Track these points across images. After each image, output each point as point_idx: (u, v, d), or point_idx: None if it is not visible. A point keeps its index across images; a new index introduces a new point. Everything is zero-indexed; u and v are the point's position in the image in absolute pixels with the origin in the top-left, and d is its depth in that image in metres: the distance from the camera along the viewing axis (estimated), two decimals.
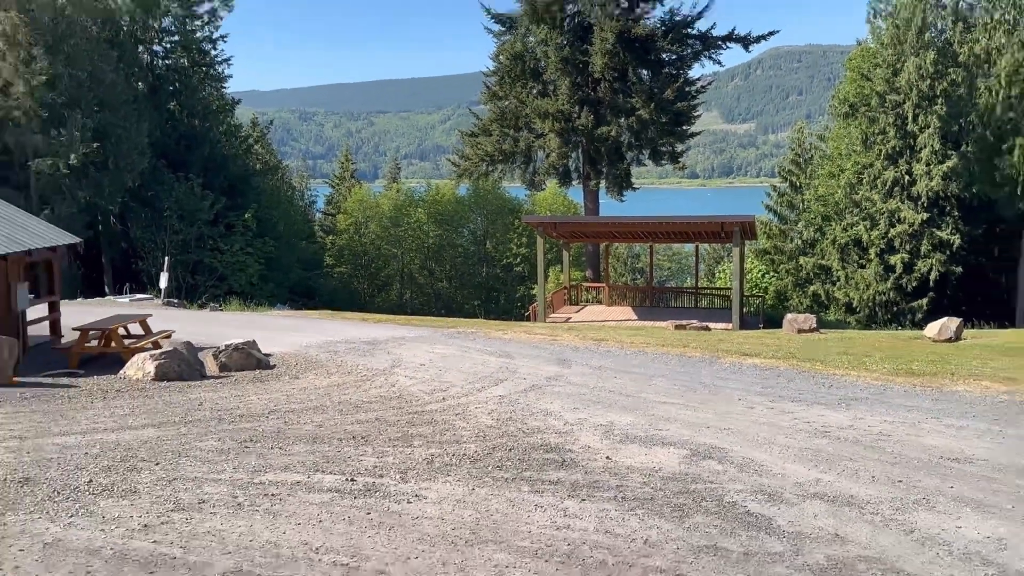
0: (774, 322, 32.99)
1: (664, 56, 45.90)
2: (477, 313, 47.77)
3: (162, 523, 7.72)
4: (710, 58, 46.89)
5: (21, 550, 7.06)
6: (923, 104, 39.14)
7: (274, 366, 17.71)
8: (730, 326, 29.91)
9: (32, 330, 20.61)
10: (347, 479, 9.17)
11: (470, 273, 57.16)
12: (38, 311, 21.26)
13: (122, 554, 7.01)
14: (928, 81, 38.99)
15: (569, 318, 33.72)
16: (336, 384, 15.61)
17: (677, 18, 45.92)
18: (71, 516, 7.88)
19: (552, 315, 34.38)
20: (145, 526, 7.63)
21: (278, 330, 23.77)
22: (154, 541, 7.28)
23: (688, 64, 46.94)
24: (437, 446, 10.73)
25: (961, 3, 43.88)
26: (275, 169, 61.80)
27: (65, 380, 16.06)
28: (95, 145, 40.95)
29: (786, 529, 7.75)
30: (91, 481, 8.94)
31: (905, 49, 39.76)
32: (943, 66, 39.55)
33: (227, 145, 51.90)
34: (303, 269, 52.00)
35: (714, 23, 46.69)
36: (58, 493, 8.53)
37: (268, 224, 49.10)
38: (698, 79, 48.32)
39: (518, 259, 54.81)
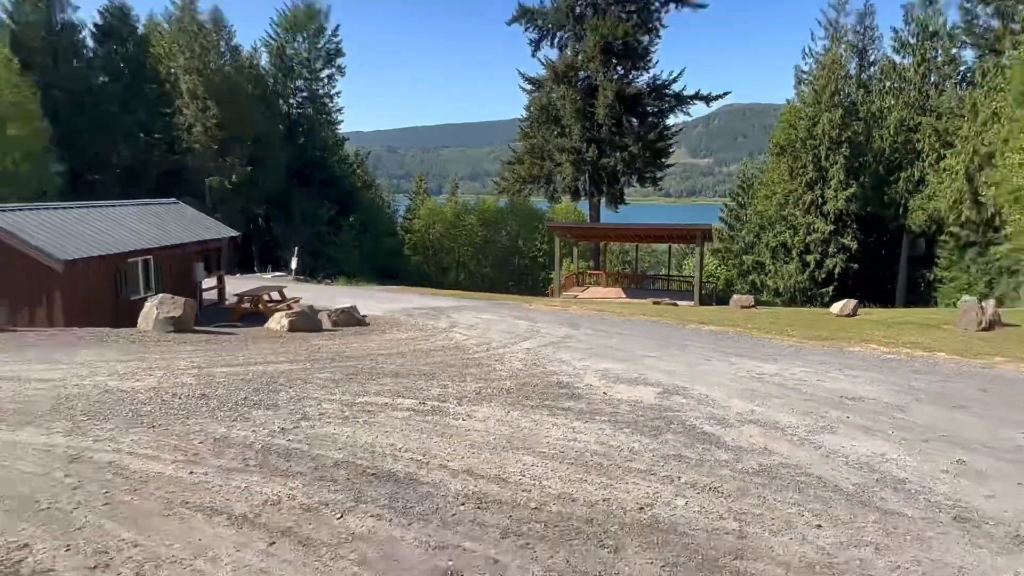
0: (723, 301, 32.64)
1: (649, 108, 45.33)
2: (511, 291, 47.55)
3: (294, 427, 7.86)
4: (681, 110, 46.19)
5: (200, 442, 7.23)
6: (833, 147, 38.50)
7: (369, 324, 17.80)
8: (692, 303, 29.62)
9: (205, 295, 20.98)
10: (420, 402, 9.26)
11: (507, 261, 56.92)
12: (209, 282, 21.61)
13: (267, 447, 7.15)
14: (837, 131, 38.31)
15: (577, 295, 33.56)
16: (411, 337, 15.68)
17: (658, 82, 45.28)
18: (233, 421, 8.04)
19: (565, 293, 34.24)
20: (283, 429, 7.78)
21: (371, 299, 23.92)
22: (289, 439, 7.42)
23: (666, 115, 46.28)
24: (483, 381, 10.78)
25: (863, 74, 42.98)
26: (371, 187, 61.74)
27: (228, 329, 16.32)
28: (249, 169, 41.45)
29: (730, 444, 7.73)
30: (246, 398, 9.09)
31: (821, 107, 39.03)
32: (848, 120, 38.88)
33: (339, 169, 52.03)
34: (389, 257, 52.10)
35: (684, 85, 45.74)
36: (224, 405, 8.70)
37: (366, 225, 49.25)
38: (672, 126, 47.66)
39: (541, 252, 54.50)
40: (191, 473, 6.41)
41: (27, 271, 15.41)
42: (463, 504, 5.87)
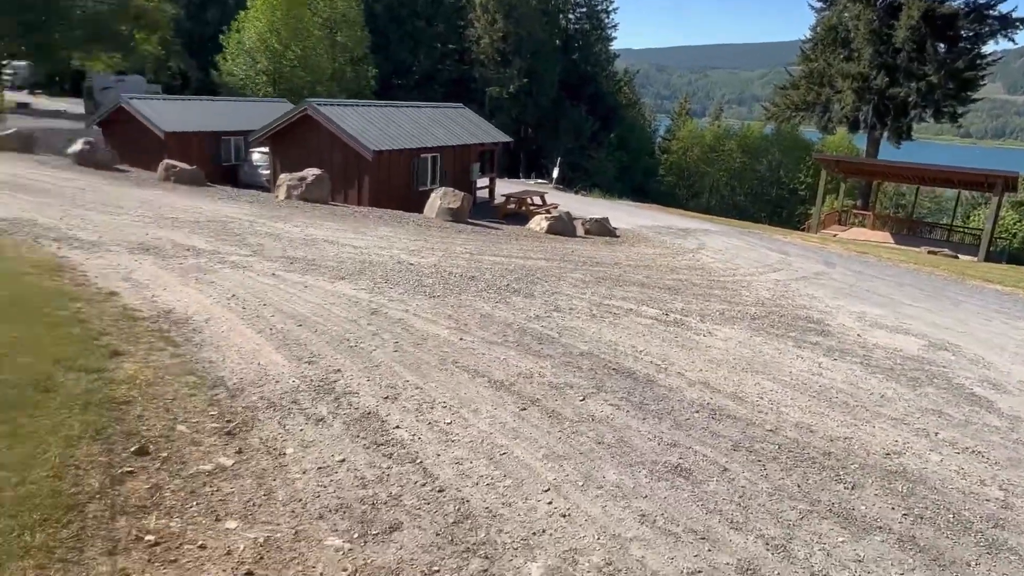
0: (1018, 261, 27.38)
1: (962, 32, 37.80)
2: (763, 222, 44.50)
3: (547, 316, 8.33)
4: (1005, 36, 37.79)
5: (469, 316, 8.00)
6: None
7: (619, 236, 17.90)
8: (976, 259, 25.24)
9: (478, 194, 22.55)
10: (663, 313, 9.23)
11: (763, 191, 53.03)
12: (481, 182, 23.12)
13: (523, 328, 7.70)
14: None
15: (837, 235, 30.31)
16: (658, 253, 15.50)
17: (981, 0, 37.34)
18: (496, 303, 8.74)
19: (823, 231, 31.10)
20: (537, 316, 8.29)
21: (622, 213, 23.89)
22: (542, 326, 7.90)
23: (983, 40, 38.20)
24: (727, 304, 10.40)
25: None
26: (634, 105, 60.46)
27: (494, 225, 17.50)
28: (524, 80, 42.72)
29: (1005, 412, 6.65)
30: (508, 285, 9.79)
31: None
32: None
33: (606, 86, 51.58)
34: (643, 175, 51.30)
35: (1015, 6, 37.29)
36: (489, 288, 9.47)
37: (625, 142, 48.76)
38: (989, 54, 39.30)
39: (802, 185, 49.86)
40: (461, 339, 7.16)
41: (346, 156, 17.79)
42: (697, 412, 5.85)
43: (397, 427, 5.12)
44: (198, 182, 17.09)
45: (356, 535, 3.82)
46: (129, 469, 4.15)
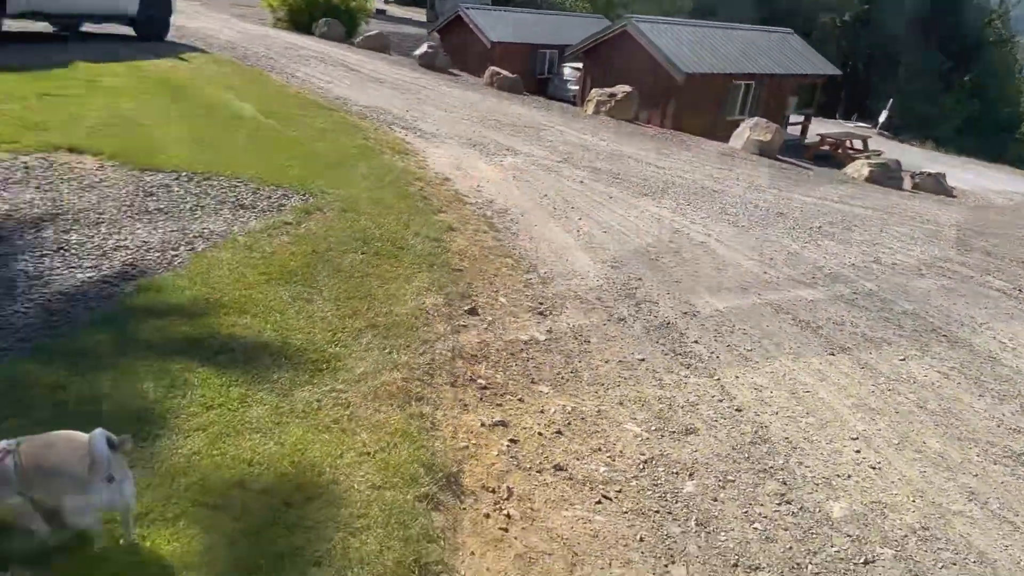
0: None
1: None
2: None
3: (864, 266, 7.53)
4: None
5: (775, 251, 7.59)
6: None
7: (955, 196, 15.38)
8: None
9: (788, 130, 20.81)
10: (1015, 288, 7.77)
11: None
12: (795, 118, 21.27)
13: (835, 274, 7.09)
14: None
15: None
16: (1008, 221, 12.92)
17: None
18: (805, 243, 8.14)
19: None
20: (852, 264, 7.53)
21: (964, 171, 20.35)
22: (857, 275, 7.17)
23: None
24: None
25: None
26: (1004, 43, 49.46)
27: (804, 165, 16.09)
28: (865, 7, 37.55)
29: None
30: (820, 227, 9.01)
31: None
32: None
33: (969, 18, 42.94)
34: (999, 130, 42.39)
35: None
36: (798, 227, 8.82)
37: (981, 88, 40.54)
38: None
39: None
40: (765, 273, 6.86)
41: (656, 76, 17.54)
42: None
43: (695, 342, 5.16)
44: (516, 90, 18.28)
45: (653, 428, 4.01)
46: (463, 323, 4.81)
